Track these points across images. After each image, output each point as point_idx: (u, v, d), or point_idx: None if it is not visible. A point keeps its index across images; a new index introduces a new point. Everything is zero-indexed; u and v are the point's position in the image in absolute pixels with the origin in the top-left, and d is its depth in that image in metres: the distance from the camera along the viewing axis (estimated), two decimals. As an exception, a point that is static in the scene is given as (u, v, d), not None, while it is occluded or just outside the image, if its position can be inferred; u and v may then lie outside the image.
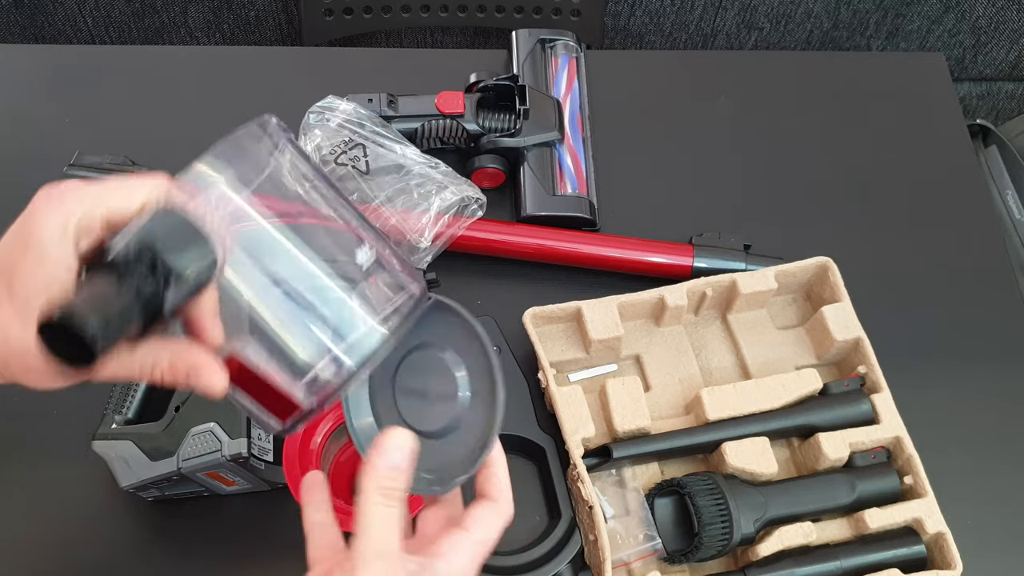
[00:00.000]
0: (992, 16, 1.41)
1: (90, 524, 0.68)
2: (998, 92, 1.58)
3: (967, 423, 0.76)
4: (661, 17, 1.39)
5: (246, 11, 1.36)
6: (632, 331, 0.75)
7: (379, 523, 0.42)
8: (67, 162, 0.77)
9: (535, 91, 0.84)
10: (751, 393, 0.70)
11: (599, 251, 0.80)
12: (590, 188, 0.83)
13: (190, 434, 0.62)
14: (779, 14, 1.39)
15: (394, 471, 0.43)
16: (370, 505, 0.42)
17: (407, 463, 0.44)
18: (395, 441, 0.44)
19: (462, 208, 0.78)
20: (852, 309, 0.74)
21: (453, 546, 0.44)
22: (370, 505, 0.42)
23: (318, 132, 0.77)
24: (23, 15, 1.33)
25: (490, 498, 0.46)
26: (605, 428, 0.71)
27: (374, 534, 0.42)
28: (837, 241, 0.80)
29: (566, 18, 1.24)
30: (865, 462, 0.69)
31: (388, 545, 0.42)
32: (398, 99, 0.82)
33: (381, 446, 0.43)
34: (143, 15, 1.35)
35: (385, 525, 0.42)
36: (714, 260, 0.79)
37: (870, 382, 0.72)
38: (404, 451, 0.44)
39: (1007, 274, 0.84)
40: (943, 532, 0.66)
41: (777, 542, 0.65)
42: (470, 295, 0.79)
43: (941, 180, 0.89)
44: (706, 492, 0.65)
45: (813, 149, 0.91)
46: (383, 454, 0.43)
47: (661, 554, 0.66)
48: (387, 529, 0.42)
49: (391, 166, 0.77)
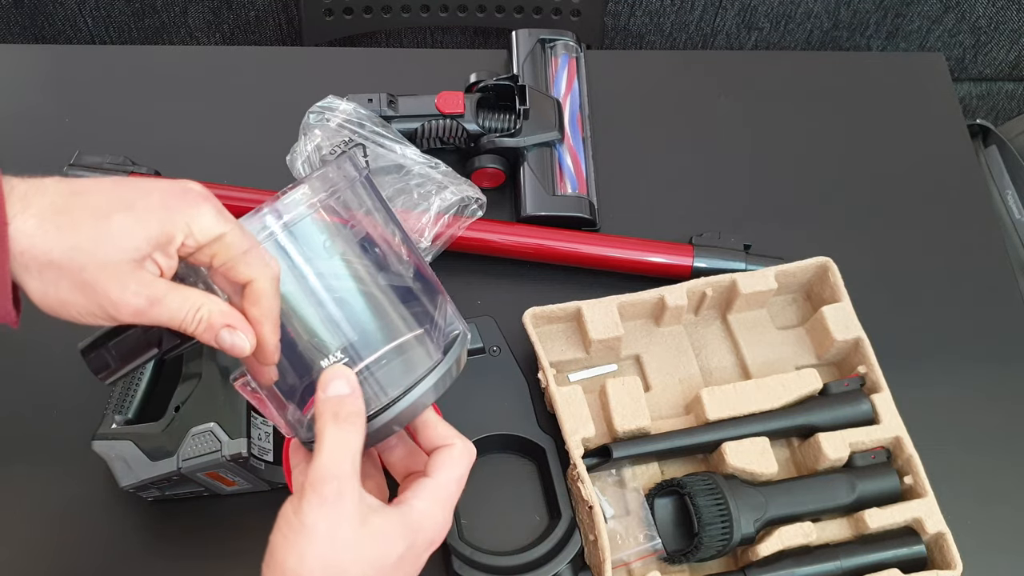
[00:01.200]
0: (992, 16, 1.41)
1: (90, 524, 0.68)
2: (998, 92, 1.58)
3: (967, 423, 0.76)
4: (661, 17, 1.39)
5: (246, 11, 1.36)
6: (632, 331, 0.75)
7: (331, 445, 0.43)
8: (67, 162, 0.78)
9: (535, 91, 0.84)
10: (751, 393, 0.70)
11: (599, 251, 0.80)
12: (590, 188, 0.83)
13: (190, 434, 0.62)
14: (779, 14, 1.39)
15: (340, 398, 0.44)
16: (322, 427, 0.43)
17: (352, 390, 0.44)
18: (334, 372, 0.44)
19: (462, 208, 0.78)
20: (852, 309, 0.74)
21: (416, 492, 0.46)
22: (322, 427, 0.43)
23: (318, 132, 0.77)
24: (23, 15, 1.33)
25: (444, 445, 0.48)
26: (605, 428, 0.71)
27: (325, 455, 0.43)
28: (837, 241, 0.80)
29: (566, 18, 1.24)
30: (865, 462, 0.69)
31: (341, 467, 0.42)
32: (398, 99, 0.82)
33: (323, 381, 0.44)
34: (143, 15, 1.36)
35: (338, 447, 0.43)
36: (714, 260, 0.79)
37: (870, 382, 0.72)
38: (345, 379, 0.44)
39: (1007, 274, 0.84)
40: (943, 532, 0.66)
41: (777, 542, 0.65)
42: (470, 295, 0.79)
43: (941, 180, 0.89)
44: (706, 492, 0.65)
45: (813, 149, 0.91)
46: (325, 387, 0.44)
47: (661, 554, 0.66)
48: (340, 451, 0.43)
49: (391, 166, 0.77)
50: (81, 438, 0.65)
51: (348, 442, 0.43)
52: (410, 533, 0.45)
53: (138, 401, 0.67)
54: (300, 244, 0.45)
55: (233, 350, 0.44)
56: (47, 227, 0.41)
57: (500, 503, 0.69)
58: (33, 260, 0.41)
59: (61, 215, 0.41)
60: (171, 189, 0.44)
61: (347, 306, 0.46)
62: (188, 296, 0.43)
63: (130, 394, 0.67)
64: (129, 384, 0.68)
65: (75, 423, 0.68)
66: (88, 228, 0.41)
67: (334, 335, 0.45)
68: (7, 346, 0.74)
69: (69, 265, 0.41)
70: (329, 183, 0.46)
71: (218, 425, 0.61)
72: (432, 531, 0.46)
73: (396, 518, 0.44)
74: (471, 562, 0.65)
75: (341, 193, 0.46)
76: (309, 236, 0.45)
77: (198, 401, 0.63)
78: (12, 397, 0.73)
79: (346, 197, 0.47)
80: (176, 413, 0.64)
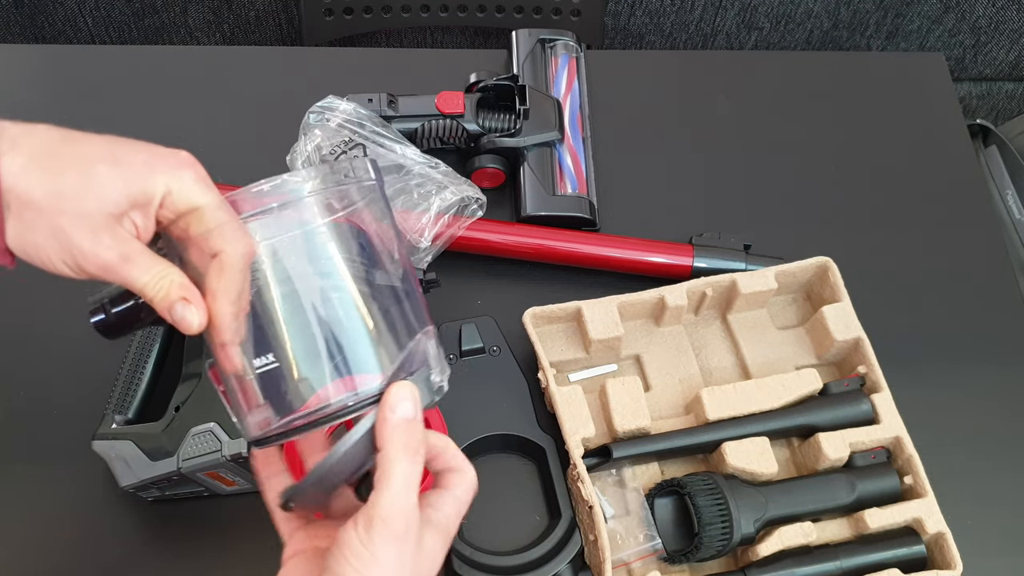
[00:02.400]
0: (992, 16, 1.41)
1: (90, 524, 0.68)
2: (998, 92, 1.58)
3: (967, 423, 0.76)
4: (661, 17, 1.39)
5: (246, 11, 1.36)
6: (632, 331, 0.75)
7: (402, 479, 0.42)
8: (67, 162, 0.77)
9: (535, 91, 0.84)
10: (751, 393, 0.70)
11: (599, 251, 0.80)
12: (590, 188, 0.83)
13: (190, 434, 0.62)
14: (779, 14, 1.39)
15: (409, 423, 0.43)
16: (392, 457, 0.42)
17: (417, 413, 0.43)
18: (402, 392, 0.43)
19: (462, 208, 0.78)
20: (852, 309, 0.74)
21: (441, 501, 0.46)
22: (392, 457, 0.42)
23: (318, 132, 0.77)
24: (23, 15, 1.33)
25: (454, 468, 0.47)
26: (605, 428, 0.71)
27: (396, 490, 0.42)
28: (837, 241, 0.80)
29: (566, 18, 1.24)
30: (865, 462, 0.69)
31: (410, 501, 0.42)
32: (398, 99, 0.82)
33: (391, 400, 0.42)
34: (143, 15, 1.36)
35: (410, 481, 0.42)
36: (714, 260, 0.79)
37: (870, 382, 0.72)
38: (413, 401, 0.43)
39: (1007, 274, 0.84)
40: (943, 532, 0.66)
41: (777, 542, 0.65)
42: (470, 295, 0.79)
43: (941, 180, 0.89)
44: (706, 492, 0.65)
45: (813, 149, 0.91)
46: (395, 407, 0.42)
47: (661, 554, 0.66)
48: (411, 485, 0.42)
49: (391, 166, 0.77)
50: (81, 438, 0.65)
51: (416, 475, 0.43)
52: (445, 542, 0.45)
53: (138, 401, 0.67)
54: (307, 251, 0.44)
55: (182, 323, 0.43)
56: (32, 168, 0.41)
57: (500, 503, 0.69)
58: (15, 199, 0.41)
59: (48, 159, 0.42)
60: (159, 152, 0.44)
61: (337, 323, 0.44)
62: (158, 262, 0.43)
63: (130, 394, 0.67)
64: (129, 384, 0.68)
65: (75, 423, 0.68)
66: (72, 175, 0.41)
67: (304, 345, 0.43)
68: (7, 346, 0.74)
69: (48, 209, 0.41)
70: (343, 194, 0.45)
71: (218, 425, 0.61)
72: (453, 533, 0.47)
73: (438, 534, 0.45)
74: (471, 562, 0.65)
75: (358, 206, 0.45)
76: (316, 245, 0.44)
77: (198, 401, 0.63)
78: (12, 397, 0.73)
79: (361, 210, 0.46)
80: (176, 413, 0.64)
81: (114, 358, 0.69)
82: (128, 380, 0.68)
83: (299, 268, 0.44)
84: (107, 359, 0.69)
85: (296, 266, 0.44)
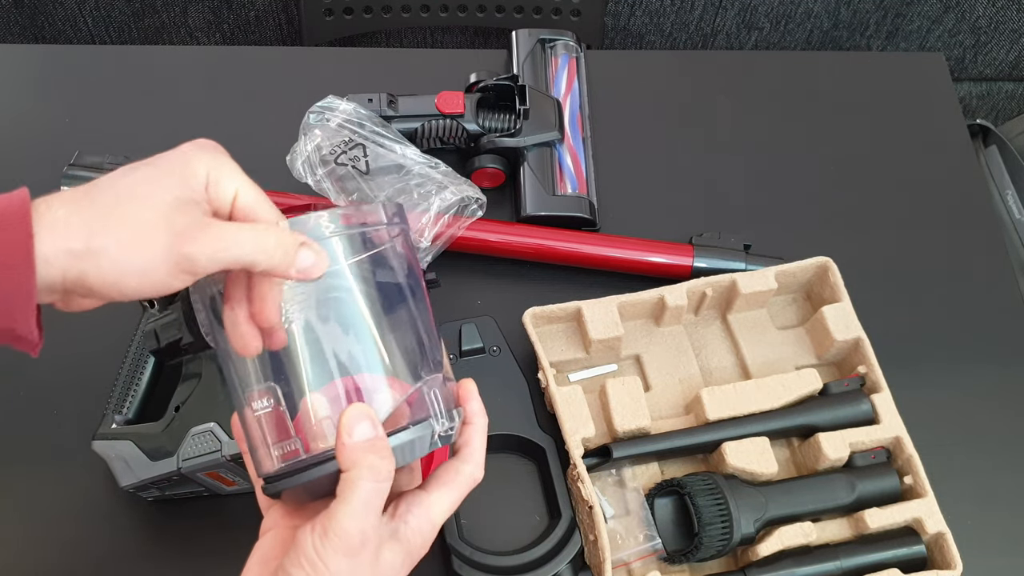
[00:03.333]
0: (992, 16, 1.41)
1: (90, 524, 0.68)
2: (998, 92, 1.58)
3: (967, 423, 0.76)
4: (661, 17, 1.39)
5: (246, 11, 1.36)
6: (632, 331, 0.75)
7: (361, 497, 0.41)
8: (67, 162, 0.77)
9: (535, 91, 0.84)
10: (751, 393, 0.70)
11: (599, 251, 0.80)
12: (590, 188, 0.83)
13: (190, 434, 0.62)
14: (779, 14, 1.39)
15: (371, 443, 0.42)
16: (353, 477, 0.41)
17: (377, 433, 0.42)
18: (355, 413, 0.42)
19: (462, 208, 0.78)
20: (852, 309, 0.74)
21: (411, 507, 0.45)
22: (353, 477, 0.41)
23: (318, 132, 0.77)
24: (23, 15, 1.33)
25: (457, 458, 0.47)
26: (605, 428, 0.71)
27: (354, 507, 0.41)
28: (837, 241, 0.80)
29: (566, 18, 1.24)
30: (865, 462, 0.69)
31: (368, 520, 0.42)
32: (398, 99, 0.82)
33: (346, 423, 0.42)
34: (143, 15, 1.36)
35: (369, 500, 0.42)
36: (714, 260, 0.79)
37: (870, 382, 0.72)
38: (371, 422, 0.42)
39: (1007, 274, 0.84)
40: (943, 532, 0.66)
41: (777, 542, 0.65)
42: (470, 295, 0.79)
43: (941, 180, 0.89)
44: (706, 492, 0.65)
45: (813, 149, 0.91)
46: (351, 431, 0.42)
47: (661, 554, 0.66)
48: (370, 504, 0.42)
49: (391, 166, 0.77)
50: (81, 438, 0.65)
51: (379, 493, 0.42)
52: (407, 555, 0.45)
53: (138, 401, 0.67)
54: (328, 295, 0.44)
55: (313, 269, 0.42)
56: (78, 208, 0.39)
57: (500, 503, 0.69)
58: (76, 237, 0.39)
59: (86, 194, 0.40)
60: (178, 148, 0.43)
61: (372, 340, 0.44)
62: (242, 225, 0.42)
63: (130, 394, 0.67)
64: (129, 384, 0.68)
65: (75, 423, 0.68)
66: (117, 190, 0.40)
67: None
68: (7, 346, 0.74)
69: (112, 220, 0.39)
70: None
71: (218, 425, 0.61)
72: (422, 545, 0.46)
73: (400, 548, 0.44)
74: (471, 562, 0.65)
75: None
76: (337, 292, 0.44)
77: (198, 401, 0.63)
78: (12, 397, 0.73)
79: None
80: (176, 413, 0.64)
81: (114, 358, 0.69)
82: (128, 380, 0.68)
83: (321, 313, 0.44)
84: (107, 359, 0.69)
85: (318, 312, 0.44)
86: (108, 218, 0.39)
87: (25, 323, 0.39)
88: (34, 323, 0.40)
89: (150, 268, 0.40)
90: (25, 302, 0.39)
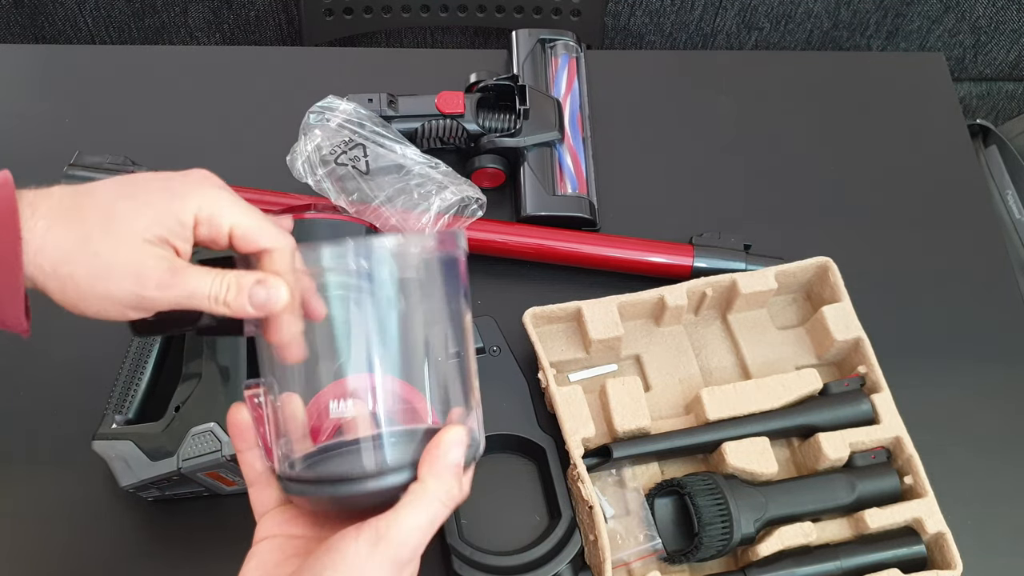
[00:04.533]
0: (992, 16, 1.41)
1: (90, 524, 0.68)
2: (998, 92, 1.58)
3: (967, 423, 0.76)
4: (661, 17, 1.39)
5: (246, 11, 1.36)
6: (632, 331, 0.75)
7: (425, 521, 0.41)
8: (67, 162, 0.77)
9: (535, 91, 0.84)
10: (751, 393, 0.70)
11: (599, 251, 0.80)
12: (590, 188, 0.83)
13: (190, 434, 0.62)
14: (779, 14, 1.39)
15: (459, 469, 0.42)
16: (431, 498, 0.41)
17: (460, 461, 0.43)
18: (458, 436, 0.43)
19: (462, 208, 0.78)
20: (852, 309, 0.74)
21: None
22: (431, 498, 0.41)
23: (318, 132, 0.77)
24: (23, 15, 1.33)
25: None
26: (605, 428, 0.71)
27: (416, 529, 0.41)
28: (837, 241, 0.80)
29: (566, 18, 1.24)
30: (865, 462, 0.69)
31: (422, 542, 0.41)
32: (398, 99, 0.82)
33: (446, 441, 0.42)
34: (143, 15, 1.36)
35: (432, 525, 0.41)
36: (714, 260, 0.79)
37: (870, 382, 0.72)
38: (463, 448, 0.43)
39: (1007, 274, 0.84)
40: (943, 532, 0.66)
41: (777, 542, 0.65)
42: (470, 295, 0.79)
43: (941, 180, 0.89)
44: (706, 492, 0.65)
45: (813, 149, 0.91)
46: (448, 450, 0.42)
47: (661, 554, 0.66)
48: (430, 529, 0.41)
49: (391, 166, 0.77)
50: (81, 438, 0.65)
51: (444, 517, 0.42)
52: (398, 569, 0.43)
53: (138, 401, 0.67)
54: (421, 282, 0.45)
55: (269, 303, 0.43)
56: (56, 225, 0.42)
57: (500, 503, 0.69)
58: (47, 259, 0.41)
59: (68, 212, 0.42)
60: (173, 176, 0.45)
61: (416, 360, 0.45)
62: (209, 270, 0.44)
63: (130, 394, 0.67)
64: (129, 384, 0.68)
65: (75, 423, 0.68)
66: (95, 217, 0.42)
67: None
68: (7, 346, 0.74)
69: (82, 254, 0.42)
70: None
71: (218, 425, 0.61)
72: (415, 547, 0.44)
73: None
74: (471, 562, 0.65)
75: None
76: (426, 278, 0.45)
77: (198, 401, 0.63)
78: (12, 397, 0.73)
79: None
80: (176, 413, 0.64)
81: (114, 358, 0.69)
82: (128, 380, 0.68)
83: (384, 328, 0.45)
84: (107, 359, 0.69)
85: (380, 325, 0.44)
86: (85, 244, 0.42)
87: (15, 316, 0.42)
88: (23, 315, 0.43)
89: (108, 305, 0.43)
90: (13, 297, 0.42)
